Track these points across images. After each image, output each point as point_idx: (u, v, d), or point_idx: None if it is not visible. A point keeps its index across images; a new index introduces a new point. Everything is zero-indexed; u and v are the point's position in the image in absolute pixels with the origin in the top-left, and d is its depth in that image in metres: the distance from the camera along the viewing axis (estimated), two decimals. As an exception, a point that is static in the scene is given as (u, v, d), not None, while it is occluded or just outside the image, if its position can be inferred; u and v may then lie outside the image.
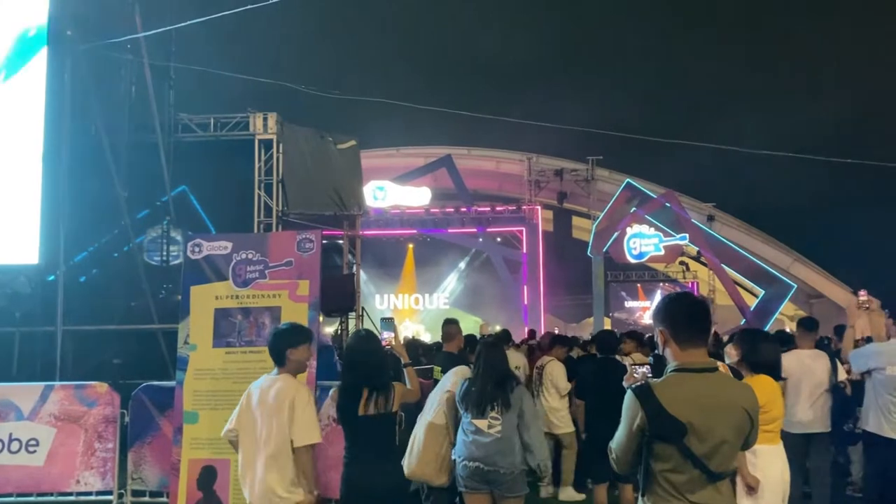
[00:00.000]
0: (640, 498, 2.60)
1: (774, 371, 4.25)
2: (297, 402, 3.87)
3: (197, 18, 10.83)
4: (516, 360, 7.78)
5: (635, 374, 3.12)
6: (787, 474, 4.10)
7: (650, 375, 3.01)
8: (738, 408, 2.54)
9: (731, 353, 4.25)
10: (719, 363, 4.13)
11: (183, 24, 11.23)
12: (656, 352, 3.07)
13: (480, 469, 4.53)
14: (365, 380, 4.09)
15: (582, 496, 7.16)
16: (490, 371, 4.67)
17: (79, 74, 10.23)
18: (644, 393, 2.51)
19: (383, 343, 4.90)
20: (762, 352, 4.24)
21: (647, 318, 25.56)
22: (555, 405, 7.32)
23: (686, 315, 2.63)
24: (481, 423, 4.57)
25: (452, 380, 5.10)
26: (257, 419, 3.96)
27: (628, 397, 2.56)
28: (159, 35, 11.42)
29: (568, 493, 7.21)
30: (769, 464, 3.92)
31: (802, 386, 5.52)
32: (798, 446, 5.57)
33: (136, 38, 11.00)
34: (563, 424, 7.32)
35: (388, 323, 13.58)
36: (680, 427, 2.43)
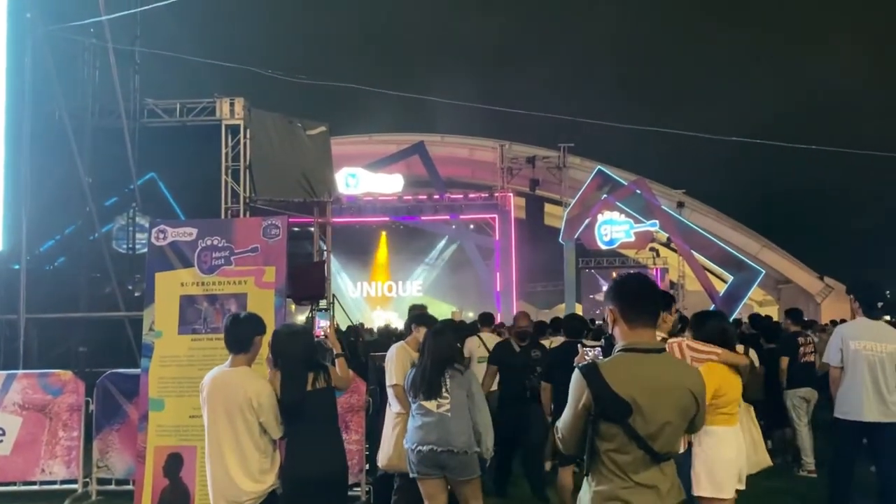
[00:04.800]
0: (585, 477, 2.58)
1: (728, 346, 4.29)
2: (264, 402, 3.88)
3: (162, 1, 10.67)
4: (493, 344, 7.80)
5: (586, 356, 3.11)
6: (744, 455, 4.18)
7: (600, 357, 3.01)
8: (683, 389, 2.53)
9: (686, 337, 4.30)
10: (692, 341, 4.19)
11: (148, 6, 11.07)
12: (610, 334, 3.07)
13: (434, 451, 4.47)
14: (300, 366, 4.06)
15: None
16: (436, 357, 4.64)
17: (40, 58, 10.02)
18: (590, 372, 2.48)
19: (317, 333, 4.91)
20: (711, 332, 4.27)
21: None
22: None
23: (635, 295, 2.62)
24: (430, 405, 4.55)
25: (395, 367, 5.13)
26: (217, 414, 3.91)
27: (575, 376, 2.53)
28: (124, 18, 11.21)
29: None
30: (725, 445, 3.98)
31: None
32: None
33: (100, 22, 10.78)
34: None
35: (325, 314, 13.27)
36: (625, 407, 2.41)
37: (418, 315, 5.40)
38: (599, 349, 3.41)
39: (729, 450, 4.02)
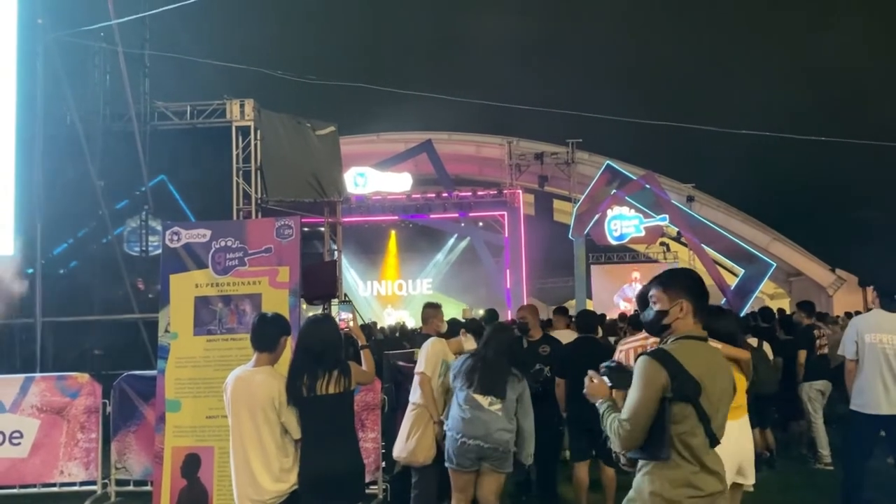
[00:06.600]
0: (650, 464, 2.67)
1: (733, 343, 4.30)
2: (285, 402, 3.89)
3: (171, 5, 10.71)
4: None
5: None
6: (748, 448, 4.19)
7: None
8: (729, 372, 2.79)
9: None
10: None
11: (157, 10, 11.13)
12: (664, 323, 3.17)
13: (480, 447, 4.56)
14: (318, 364, 3.96)
15: None
16: (503, 353, 4.72)
17: (51, 63, 10.08)
18: (663, 355, 2.63)
19: (341, 325, 4.92)
20: (719, 325, 4.28)
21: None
22: None
23: (704, 291, 2.85)
24: (483, 399, 4.60)
25: (427, 356, 5.15)
26: (241, 413, 3.93)
27: (644, 362, 2.64)
28: (133, 22, 11.28)
29: None
30: (726, 438, 3.98)
31: None
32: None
33: (109, 26, 10.84)
34: None
35: (347, 305, 13.39)
36: (697, 385, 2.58)
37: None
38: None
39: (728, 443, 4.01)
